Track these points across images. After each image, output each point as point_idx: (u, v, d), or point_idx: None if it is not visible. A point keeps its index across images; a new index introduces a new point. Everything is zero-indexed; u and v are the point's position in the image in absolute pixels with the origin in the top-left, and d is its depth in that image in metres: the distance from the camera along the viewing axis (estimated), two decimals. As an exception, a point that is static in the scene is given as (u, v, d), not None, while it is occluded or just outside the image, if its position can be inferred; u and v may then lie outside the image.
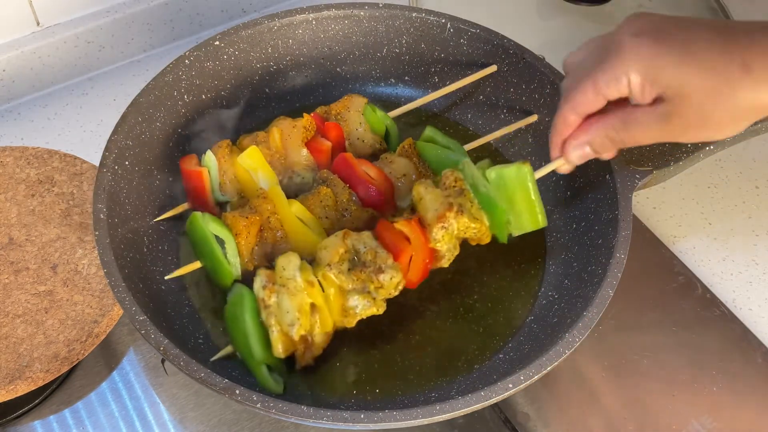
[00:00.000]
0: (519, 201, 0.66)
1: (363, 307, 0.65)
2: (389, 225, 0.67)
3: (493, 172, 0.66)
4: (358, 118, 0.78)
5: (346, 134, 0.78)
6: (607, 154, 0.59)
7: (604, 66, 0.53)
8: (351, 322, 0.66)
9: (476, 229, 0.67)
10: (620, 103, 0.56)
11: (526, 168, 0.65)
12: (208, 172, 0.74)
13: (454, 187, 0.67)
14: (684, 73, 0.50)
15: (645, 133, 0.54)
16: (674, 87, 0.50)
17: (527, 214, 0.66)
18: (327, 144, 0.76)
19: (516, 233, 0.68)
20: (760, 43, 0.49)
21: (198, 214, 0.70)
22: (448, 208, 0.66)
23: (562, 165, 0.64)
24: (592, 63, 0.55)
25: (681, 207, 0.87)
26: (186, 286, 0.73)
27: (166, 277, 0.70)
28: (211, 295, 0.73)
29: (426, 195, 0.68)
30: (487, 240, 0.69)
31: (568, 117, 0.57)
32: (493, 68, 0.82)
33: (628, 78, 0.51)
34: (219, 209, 0.75)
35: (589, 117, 0.58)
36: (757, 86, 0.49)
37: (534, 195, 0.65)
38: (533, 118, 0.80)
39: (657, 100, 0.52)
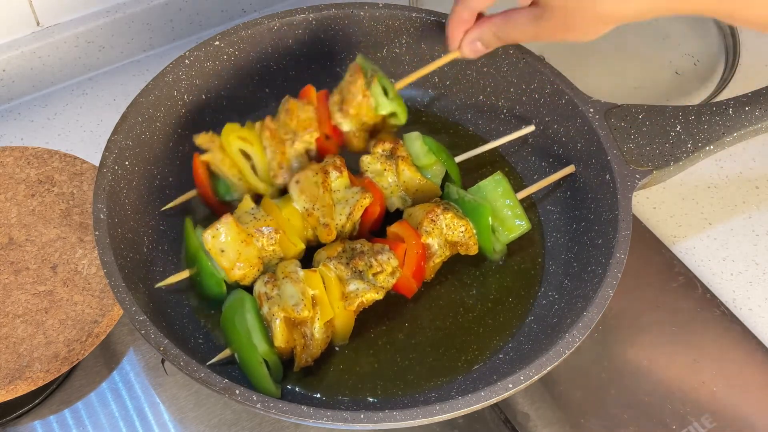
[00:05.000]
0: (500, 208, 0.72)
1: (363, 290, 0.66)
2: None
3: (473, 188, 0.73)
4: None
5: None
6: (494, 47, 0.69)
7: None
8: (351, 307, 0.67)
9: (463, 227, 0.71)
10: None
11: (500, 176, 0.73)
12: (209, 169, 0.74)
13: (440, 204, 0.73)
14: None
15: (521, 31, 0.64)
16: None
17: (511, 218, 0.72)
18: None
19: (503, 242, 0.73)
20: None
21: (190, 223, 0.70)
22: (436, 206, 0.71)
23: (457, 56, 0.72)
24: None
25: (681, 207, 0.87)
26: (186, 287, 0.73)
27: (156, 285, 0.69)
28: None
29: (415, 210, 0.73)
30: (475, 248, 0.72)
31: (463, 14, 0.66)
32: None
33: None
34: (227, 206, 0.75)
35: (479, 16, 0.68)
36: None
37: (512, 199, 0.72)
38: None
39: (533, 4, 0.62)
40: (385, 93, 0.75)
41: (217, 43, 0.79)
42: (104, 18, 0.94)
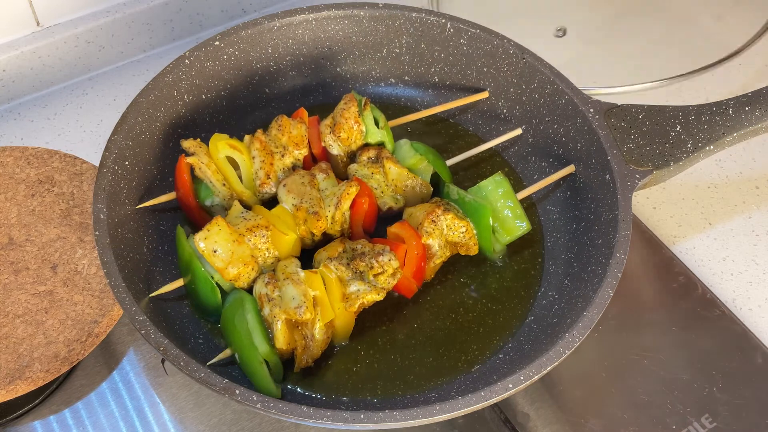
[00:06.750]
0: (501, 208, 0.72)
1: (364, 291, 0.66)
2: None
3: (473, 188, 0.74)
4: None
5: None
6: None
7: None
8: (352, 308, 0.67)
9: (464, 227, 0.71)
10: None
11: (501, 177, 0.72)
12: (192, 173, 0.74)
13: (440, 204, 0.73)
14: None
15: None
16: None
17: (511, 219, 0.73)
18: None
19: (503, 242, 0.74)
20: None
21: (182, 231, 0.70)
22: (437, 206, 0.71)
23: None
24: None
25: (681, 207, 0.87)
26: (185, 293, 0.72)
27: (151, 295, 0.69)
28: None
29: (415, 210, 0.73)
30: (475, 249, 0.73)
31: None
32: (485, 94, 0.84)
33: None
34: (204, 211, 0.75)
35: None
36: None
37: (513, 200, 0.72)
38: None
39: None
40: (376, 123, 0.78)
41: (217, 43, 0.79)
42: (104, 18, 0.94)
